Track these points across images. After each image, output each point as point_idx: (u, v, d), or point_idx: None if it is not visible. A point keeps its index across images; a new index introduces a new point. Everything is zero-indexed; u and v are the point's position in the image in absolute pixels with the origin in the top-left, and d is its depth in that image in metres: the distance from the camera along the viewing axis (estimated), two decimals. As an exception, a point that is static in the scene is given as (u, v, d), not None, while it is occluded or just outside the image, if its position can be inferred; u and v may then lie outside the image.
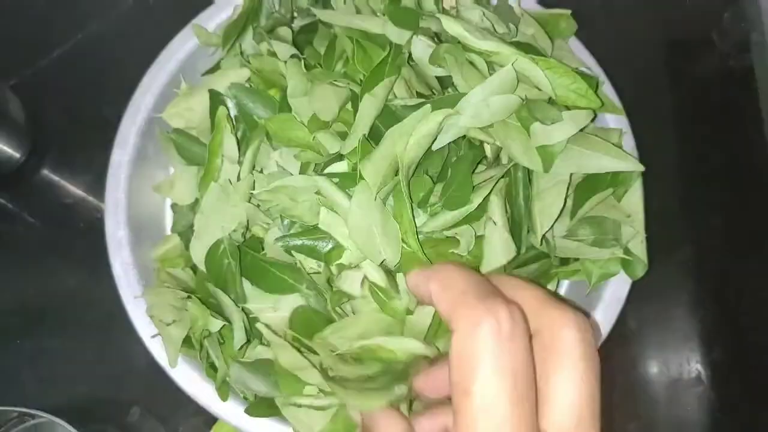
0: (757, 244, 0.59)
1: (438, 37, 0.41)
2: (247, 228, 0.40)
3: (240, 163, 0.39)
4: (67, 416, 0.47)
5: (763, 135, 0.59)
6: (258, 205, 0.39)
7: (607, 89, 0.47)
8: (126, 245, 0.45)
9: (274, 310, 0.38)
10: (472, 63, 0.39)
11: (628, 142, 0.46)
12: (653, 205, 0.43)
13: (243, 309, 0.39)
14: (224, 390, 0.41)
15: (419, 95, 0.40)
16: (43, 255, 0.60)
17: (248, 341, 0.39)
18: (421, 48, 0.40)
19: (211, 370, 0.42)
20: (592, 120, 0.41)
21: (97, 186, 0.61)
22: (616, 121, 0.46)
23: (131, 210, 0.46)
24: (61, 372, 0.57)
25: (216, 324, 0.40)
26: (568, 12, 0.46)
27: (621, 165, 0.39)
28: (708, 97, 0.64)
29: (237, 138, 0.40)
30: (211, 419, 0.53)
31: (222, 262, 0.39)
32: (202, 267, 0.40)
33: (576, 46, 0.48)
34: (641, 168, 0.40)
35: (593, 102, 0.39)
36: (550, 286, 0.43)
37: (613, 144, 0.42)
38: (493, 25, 0.42)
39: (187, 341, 0.41)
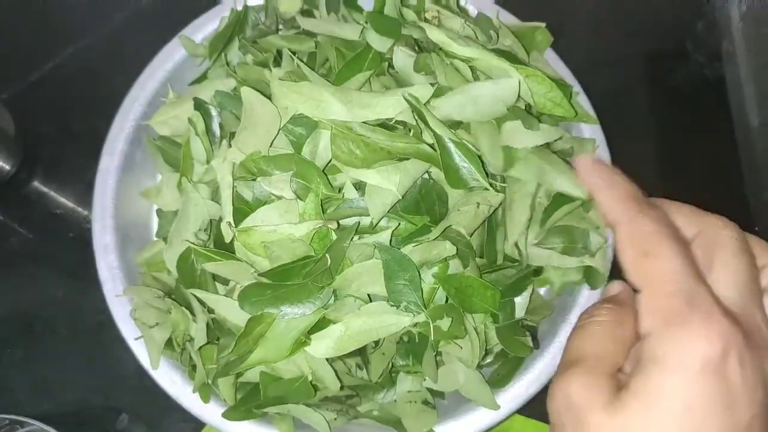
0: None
1: (419, 46, 0.42)
2: (211, 225, 0.41)
3: (208, 164, 0.41)
4: (57, 423, 0.47)
5: (735, 140, 0.61)
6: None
7: (582, 100, 0.48)
8: (113, 250, 0.46)
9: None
10: (456, 69, 0.40)
11: (603, 152, 0.47)
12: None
13: (209, 310, 0.40)
14: (205, 392, 0.42)
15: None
16: (33, 265, 0.61)
17: (210, 342, 0.40)
18: (402, 57, 0.41)
19: (193, 372, 0.42)
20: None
21: (87, 197, 0.61)
22: (590, 130, 0.48)
23: (118, 215, 0.47)
24: (50, 380, 0.57)
25: (196, 329, 0.40)
26: (543, 25, 0.47)
27: (571, 189, 0.40)
28: (683, 106, 0.66)
29: (215, 141, 0.41)
30: (199, 426, 0.54)
31: (194, 267, 0.40)
32: (175, 272, 0.41)
33: (552, 58, 0.49)
34: (584, 197, 0.40)
35: (568, 111, 0.40)
36: (525, 294, 0.43)
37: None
38: (475, 33, 0.43)
39: (169, 344, 0.42)
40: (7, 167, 0.62)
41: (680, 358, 0.25)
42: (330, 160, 0.37)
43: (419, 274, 0.36)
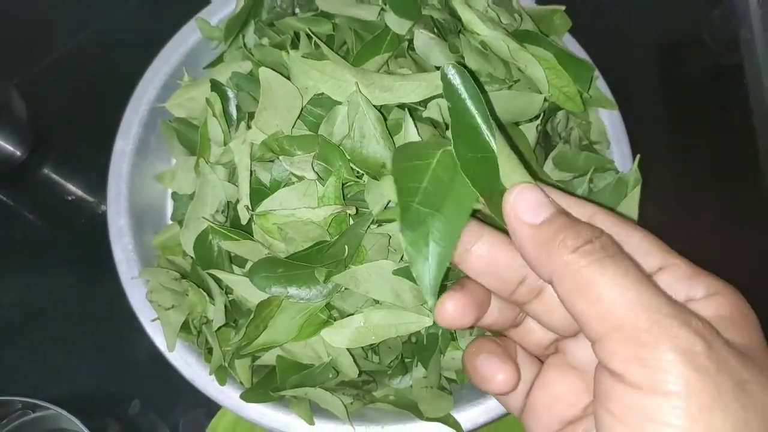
0: (748, 238, 0.60)
1: (438, 27, 0.42)
2: (228, 206, 0.41)
3: (225, 145, 0.40)
4: (68, 409, 0.47)
5: (753, 129, 0.60)
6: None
7: (601, 85, 0.48)
8: (127, 233, 0.46)
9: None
10: (483, 48, 0.40)
11: (621, 137, 0.47)
12: (645, 199, 0.44)
13: (227, 291, 0.40)
14: (221, 374, 0.42)
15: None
16: (44, 251, 0.61)
17: (227, 324, 0.40)
18: (423, 40, 0.41)
19: (209, 355, 0.42)
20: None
21: (98, 184, 0.61)
22: (609, 116, 0.48)
23: (133, 198, 0.46)
24: (62, 366, 0.57)
25: (214, 311, 0.40)
26: (562, 8, 0.47)
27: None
28: (700, 94, 0.65)
29: (232, 122, 0.41)
30: (211, 412, 0.54)
31: (212, 248, 0.40)
32: (192, 254, 0.41)
33: (570, 42, 0.49)
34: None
35: (578, 106, 0.41)
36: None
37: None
38: (498, 15, 0.43)
39: (185, 326, 0.42)
40: (18, 153, 0.62)
41: None
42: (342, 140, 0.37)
43: None
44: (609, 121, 0.47)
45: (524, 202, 0.25)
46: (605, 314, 0.21)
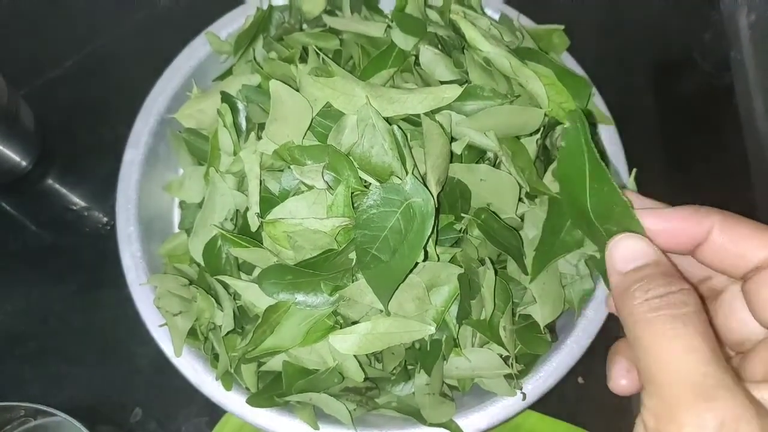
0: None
1: (442, 44, 0.43)
2: (237, 215, 0.42)
3: (235, 155, 0.41)
4: (70, 416, 0.48)
5: (744, 148, 0.62)
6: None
7: (598, 102, 0.50)
8: (136, 240, 0.46)
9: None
10: (486, 64, 0.41)
11: (618, 153, 0.49)
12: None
13: (234, 298, 0.41)
14: (227, 380, 0.42)
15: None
16: (47, 260, 0.61)
17: (234, 331, 0.41)
18: (428, 55, 0.42)
19: (215, 361, 0.43)
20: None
21: (101, 194, 0.62)
22: (606, 131, 0.49)
23: (141, 206, 0.47)
24: (63, 374, 0.57)
25: (221, 317, 0.41)
26: (561, 27, 0.48)
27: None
28: (692, 112, 0.67)
29: (242, 133, 0.42)
30: (213, 420, 0.54)
31: (220, 255, 0.41)
32: (200, 261, 0.42)
33: (568, 60, 0.50)
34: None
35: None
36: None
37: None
38: (500, 33, 0.44)
39: (192, 333, 0.43)
40: (24, 163, 0.63)
41: None
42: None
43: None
44: (606, 136, 0.48)
45: (618, 252, 0.27)
46: (644, 368, 0.23)
